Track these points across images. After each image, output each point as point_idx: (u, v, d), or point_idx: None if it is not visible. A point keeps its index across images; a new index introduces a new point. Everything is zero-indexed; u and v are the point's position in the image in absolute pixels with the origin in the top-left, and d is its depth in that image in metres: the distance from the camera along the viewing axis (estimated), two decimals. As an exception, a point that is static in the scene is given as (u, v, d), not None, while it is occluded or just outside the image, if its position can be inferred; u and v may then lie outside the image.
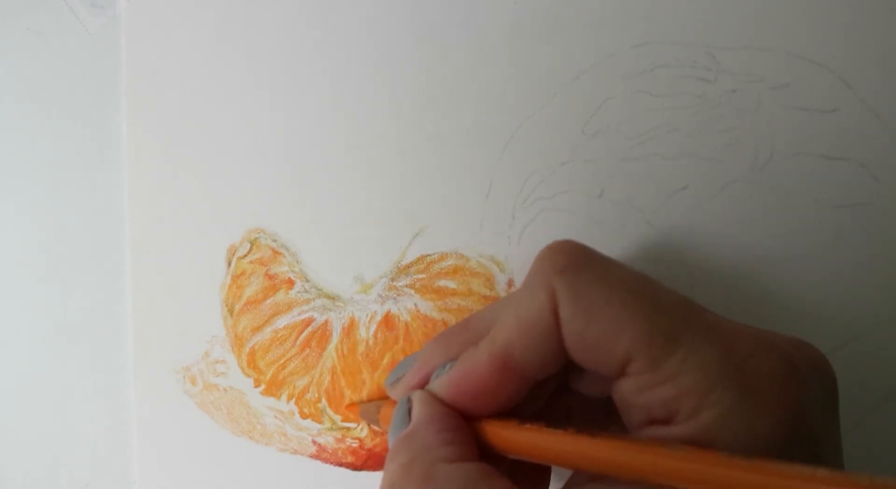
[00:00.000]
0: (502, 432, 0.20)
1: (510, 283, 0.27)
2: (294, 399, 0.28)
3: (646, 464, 0.16)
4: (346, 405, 0.28)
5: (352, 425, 0.28)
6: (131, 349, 0.29)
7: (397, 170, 0.27)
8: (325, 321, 0.28)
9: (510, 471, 0.22)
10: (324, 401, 0.28)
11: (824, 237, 0.24)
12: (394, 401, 0.23)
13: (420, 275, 0.27)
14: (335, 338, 0.28)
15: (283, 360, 0.28)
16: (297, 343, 0.28)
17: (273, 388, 0.28)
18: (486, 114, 0.26)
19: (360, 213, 0.28)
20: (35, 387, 0.30)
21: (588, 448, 0.17)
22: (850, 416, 0.21)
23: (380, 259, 0.27)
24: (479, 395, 0.20)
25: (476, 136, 0.26)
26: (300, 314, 0.28)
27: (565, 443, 0.18)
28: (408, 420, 0.21)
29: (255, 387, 0.29)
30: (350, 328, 0.28)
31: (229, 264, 0.29)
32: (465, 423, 0.20)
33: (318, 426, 0.28)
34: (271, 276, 0.28)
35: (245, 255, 0.28)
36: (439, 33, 0.27)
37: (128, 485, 0.30)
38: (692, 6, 0.25)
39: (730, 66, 0.25)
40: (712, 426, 0.16)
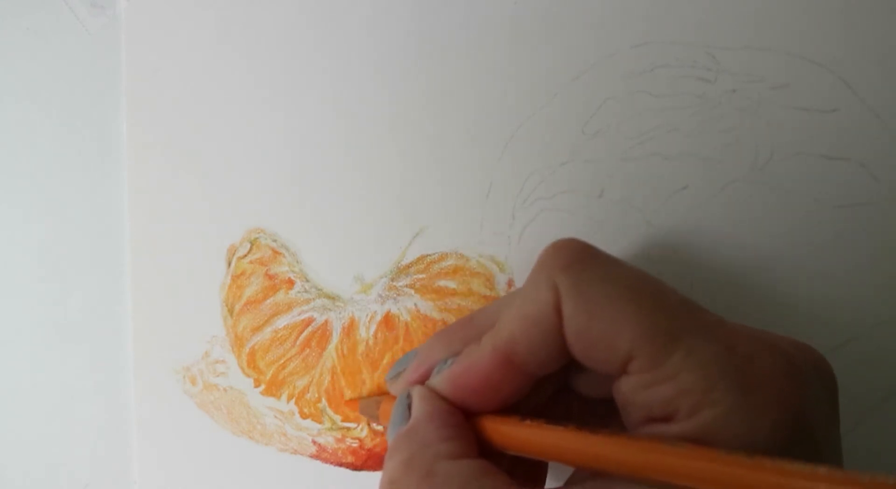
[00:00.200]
0: (502, 428, 0.20)
1: (510, 283, 0.27)
2: (294, 399, 0.28)
3: (646, 461, 0.16)
4: (345, 401, 0.28)
5: (352, 425, 0.28)
6: (131, 349, 0.29)
7: (397, 170, 0.27)
8: (325, 321, 0.28)
9: (509, 467, 0.22)
10: (324, 401, 0.28)
11: (824, 237, 0.24)
12: (393, 397, 0.23)
13: (420, 275, 0.27)
14: (335, 338, 0.28)
15: (283, 360, 0.28)
16: (297, 343, 0.28)
17: (273, 388, 0.28)
18: (486, 114, 0.26)
19: (360, 213, 0.28)
20: (35, 387, 0.30)
21: (589, 444, 0.17)
22: (850, 416, 0.21)
23: (380, 259, 0.27)
24: (480, 391, 0.20)
25: (476, 136, 0.26)
26: (300, 314, 0.28)
27: (566, 439, 0.18)
28: (407, 416, 0.21)
29: (255, 387, 0.29)
30: (350, 328, 0.28)
31: (229, 264, 0.29)
32: (466, 420, 0.20)
33: (318, 426, 0.28)
34: (271, 276, 0.28)
35: (245, 255, 0.28)
36: (439, 33, 0.27)
37: (128, 485, 0.30)
38: (692, 6, 0.25)
39: (730, 66, 0.25)
40: (712, 425, 0.16)
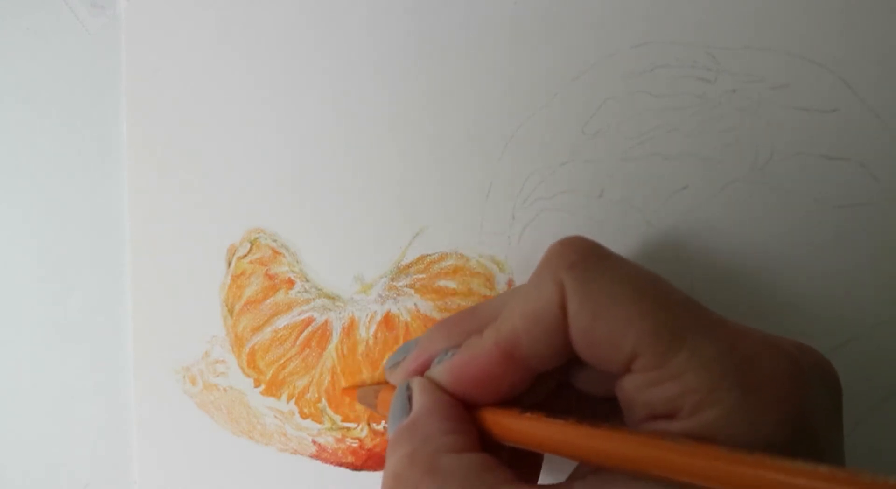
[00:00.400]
0: (502, 420, 0.20)
1: (510, 283, 0.27)
2: (294, 399, 0.28)
3: (646, 456, 0.16)
4: (342, 389, 0.28)
5: (352, 425, 0.28)
6: (131, 349, 0.29)
7: (397, 170, 0.27)
8: (325, 321, 0.28)
9: (505, 459, 0.22)
10: (324, 401, 0.28)
11: (824, 237, 0.24)
12: (392, 386, 0.23)
13: (420, 275, 0.27)
14: (335, 338, 0.28)
15: (283, 360, 0.28)
16: (297, 343, 0.28)
17: (273, 388, 0.28)
18: (486, 114, 0.26)
19: (360, 213, 0.28)
20: (35, 387, 0.30)
21: (588, 438, 0.17)
22: (850, 416, 0.21)
23: (380, 259, 0.27)
24: (480, 384, 0.20)
25: (476, 136, 0.26)
26: (300, 314, 0.28)
27: (566, 432, 0.18)
28: (408, 408, 0.21)
29: (255, 387, 0.29)
30: (350, 328, 0.28)
31: (229, 264, 0.29)
32: (467, 413, 0.20)
33: (318, 426, 0.28)
34: (271, 276, 0.28)
35: (245, 255, 0.28)
36: (439, 33, 0.27)
37: (128, 485, 0.30)
38: (692, 6, 0.25)
39: (730, 66, 0.25)
40: (714, 423, 0.16)
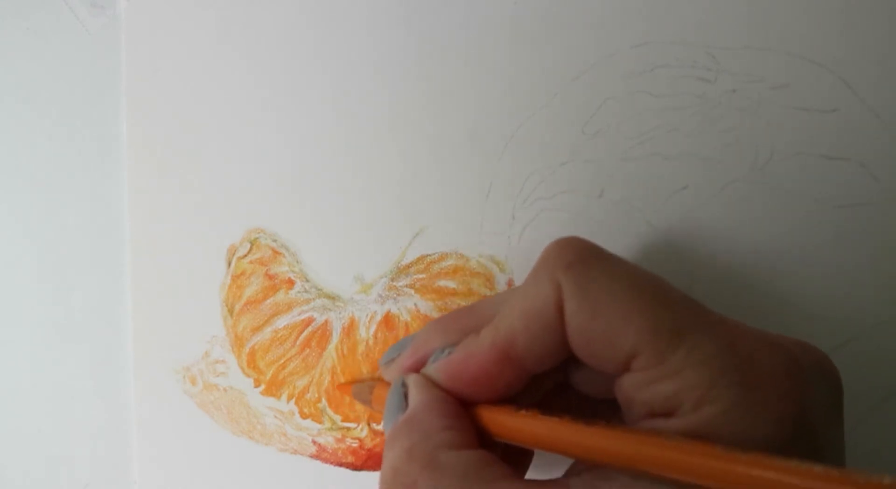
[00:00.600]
0: (498, 417, 0.20)
1: (510, 283, 0.27)
2: (294, 399, 0.28)
3: (640, 454, 0.16)
4: (337, 385, 0.28)
5: (352, 425, 0.28)
6: (131, 349, 0.29)
7: (397, 170, 0.27)
8: (325, 321, 0.28)
9: (500, 456, 0.22)
10: (324, 401, 0.28)
11: (824, 237, 0.24)
12: (387, 383, 0.23)
13: (420, 275, 0.27)
14: (335, 338, 0.28)
15: (283, 360, 0.28)
16: (297, 343, 0.28)
17: (273, 388, 0.28)
18: (486, 114, 0.26)
19: (360, 212, 0.28)
20: (35, 387, 0.30)
21: (583, 435, 0.18)
22: (850, 416, 0.21)
23: (380, 259, 0.27)
24: (476, 383, 0.20)
25: (476, 136, 0.26)
26: (300, 314, 0.28)
27: (560, 429, 0.18)
28: (404, 404, 0.21)
29: (255, 387, 0.29)
30: (350, 328, 0.28)
31: (229, 264, 0.29)
32: (464, 409, 0.20)
33: (318, 426, 0.28)
34: (271, 276, 0.28)
35: (245, 255, 0.28)
36: (439, 33, 0.27)
37: (128, 485, 0.30)
38: (692, 6, 0.25)
39: (730, 66, 0.25)
40: (713, 421, 0.16)
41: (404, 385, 0.21)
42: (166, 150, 0.29)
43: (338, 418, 0.28)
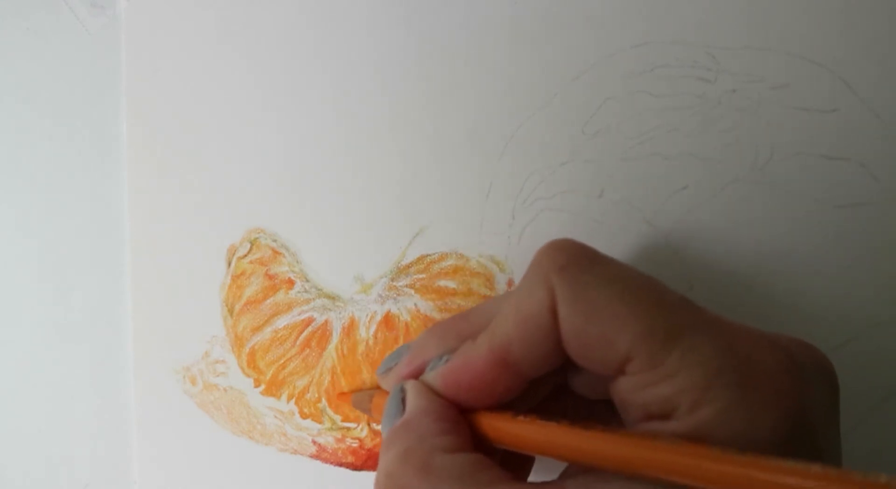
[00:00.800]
0: (496, 423, 0.20)
1: (510, 283, 0.27)
2: (294, 399, 0.28)
3: (637, 457, 0.16)
4: (338, 394, 0.28)
5: (352, 425, 0.28)
6: (131, 349, 0.29)
7: (397, 170, 0.27)
8: (325, 321, 0.28)
9: (499, 463, 0.22)
10: (324, 401, 0.28)
11: (824, 237, 0.24)
12: (387, 391, 0.23)
13: (420, 275, 0.27)
14: (335, 338, 0.28)
15: (283, 360, 0.28)
16: (297, 343, 0.28)
17: (273, 388, 0.28)
18: (486, 114, 0.26)
19: (360, 212, 0.28)
20: (35, 387, 0.30)
21: (581, 440, 0.18)
22: (850, 416, 0.21)
23: (380, 259, 0.27)
24: (474, 389, 0.20)
25: (476, 136, 0.26)
26: (300, 314, 0.28)
27: (558, 434, 0.18)
28: (402, 409, 0.21)
29: (255, 387, 0.29)
30: (350, 328, 0.28)
31: (229, 264, 0.29)
32: (461, 415, 0.20)
33: (318, 426, 0.28)
34: (271, 276, 0.28)
35: (245, 255, 0.28)
36: (439, 33, 0.27)
37: (128, 485, 0.30)
38: (692, 6, 0.25)
39: (730, 66, 0.25)
40: (711, 422, 0.16)
41: (403, 390, 0.21)
42: (166, 150, 0.29)
43: (338, 418, 0.28)
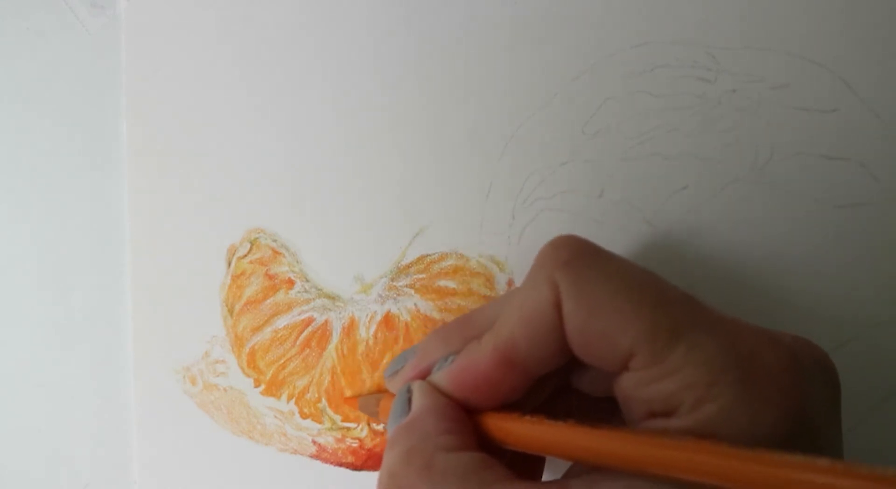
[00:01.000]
0: (502, 423, 0.20)
1: (510, 283, 0.27)
2: (294, 399, 0.28)
3: (645, 455, 0.16)
4: (344, 398, 0.28)
5: (352, 425, 0.28)
6: (131, 349, 0.29)
7: (397, 170, 0.27)
8: (325, 321, 0.28)
9: (507, 463, 0.22)
10: (324, 401, 0.28)
11: (824, 237, 0.24)
12: (393, 394, 0.23)
13: (420, 275, 0.27)
14: (335, 338, 0.28)
15: (283, 360, 0.28)
16: (297, 343, 0.28)
17: (273, 388, 0.28)
18: (486, 114, 0.26)
19: (360, 212, 0.28)
20: (35, 386, 0.30)
21: (589, 439, 0.17)
22: (850, 416, 0.21)
23: (380, 259, 0.27)
24: (481, 389, 0.20)
25: (476, 136, 0.26)
26: (300, 314, 0.28)
27: (566, 434, 0.18)
28: (407, 409, 0.21)
29: (255, 387, 0.29)
30: (350, 328, 0.28)
31: (229, 264, 0.29)
32: (466, 414, 0.20)
33: (318, 426, 0.28)
34: (271, 276, 0.28)
35: (245, 255, 0.28)
36: (439, 33, 0.27)
37: (128, 485, 0.30)
38: (692, 6, 0.25)
39: (730, 66, 0.25)
40: (714, 419, 0.16)
41: (409, 391, 0.21)
42: (166, 150, 0.29)
43: (338, 418, 0.28)
